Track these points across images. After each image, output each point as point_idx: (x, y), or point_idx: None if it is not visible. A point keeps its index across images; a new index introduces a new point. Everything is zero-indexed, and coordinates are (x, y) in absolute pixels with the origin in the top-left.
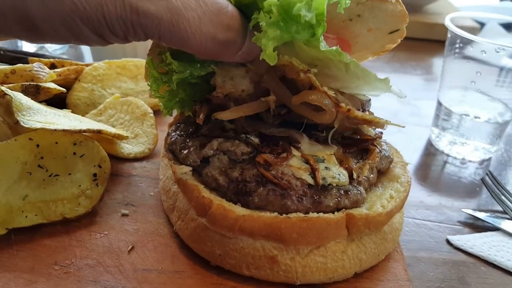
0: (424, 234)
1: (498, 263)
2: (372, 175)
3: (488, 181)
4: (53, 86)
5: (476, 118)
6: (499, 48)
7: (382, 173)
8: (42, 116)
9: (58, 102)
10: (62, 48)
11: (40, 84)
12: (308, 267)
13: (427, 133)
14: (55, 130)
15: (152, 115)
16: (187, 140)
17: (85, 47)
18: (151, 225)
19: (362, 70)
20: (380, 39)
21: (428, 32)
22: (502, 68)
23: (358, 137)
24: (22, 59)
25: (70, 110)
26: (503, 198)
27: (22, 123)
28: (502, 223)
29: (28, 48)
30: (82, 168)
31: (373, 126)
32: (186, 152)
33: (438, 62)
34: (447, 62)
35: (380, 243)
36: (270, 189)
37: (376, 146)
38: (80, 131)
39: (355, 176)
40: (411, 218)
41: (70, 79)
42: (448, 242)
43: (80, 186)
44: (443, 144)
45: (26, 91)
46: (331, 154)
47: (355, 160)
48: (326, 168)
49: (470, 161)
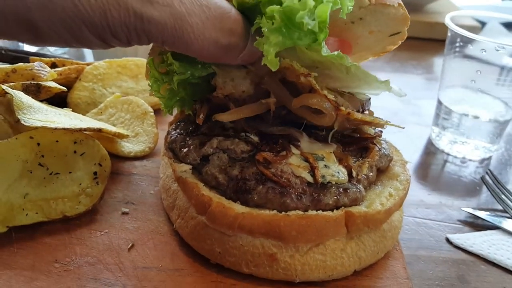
0: (424, 232)
1: (497, 262)
2: (371, 173)
3: (488, 180)
4: (53, 85)
5: (476, 117)
6: (499, 47)
7: (382, 171)
8: (43, 115)
9: (59, 101)
10: (63, 48)
11: (41, 83)
12: (307, 265)
13: (428, 132)
14: (56, 129)
15: (152, 114)
16: (187, 139)
17: None
18: (151, 223)
19: (363, 72)
20: (381, 40)
21: (429, 32)
22: (502, 67)
23: (358, 135)
24: (23, 59)
25: (71, 109)
26: (503, 197)
27: (23, 122)
28: (502, 222)
29: (29, 47)
30: (82, 166)
31: (373, 126)
32: (186, 150)
33: (439, 62)
34: (447, 61)
35: (379, 241)
36: (270, 187)
37: (375, 145)
38: (81, 130)
39: (354, 174)
40: (411, 217)
41: (71, 78)
42: (448, 240)
43: (80, 184)
44: (444, 143)
45: (27, 90)
46: (331, 153)
47: (355, 159)
48: (326, 166)
49: (471, 160)
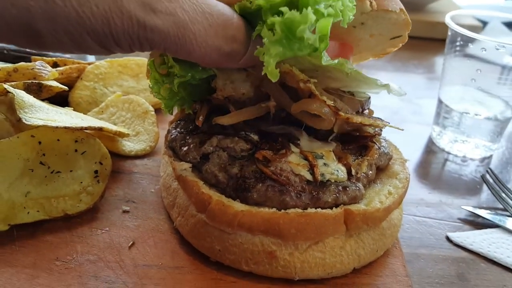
0: (424, 231)
1: (497, 260)
2: (370, 172)
3: (489, 178)
4: (55, 84)
5: (476, 116)
6: (499, 46)
7: (381, 169)
8: (44, 114)
9: (60, 100)
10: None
11: (42, 82)
12: (307, 263)
13: (428, 131)
14: (57, 128)
15: (153, 113)
16: (187, 137)
17: None
18: (152, 221)
19: (363, 76)
20: (382, 43)
21: (430, 31)
22: (503, 66)
23: (357, 134)
24: (25, 58)
25: (72, 108)
26: (503, 195)
27: (24, 121)
28: (502, 220)
29: None
30: (83, 165)
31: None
32: (186, 149)
33: (440, 61)
34: (448, 60)
35: (378, 239)
36: (269, 185)
37: (375, 143)
38: (82, 129)
39: (353, 172)
40: (411, 215)
41: (72, 78)
42: (448, 239)
43: (81, 182)
44: (444, 142)
45: (28, 89)
46: (330, 151)
47: (354, 157)
48: (325, 164)
49: (471, 158)
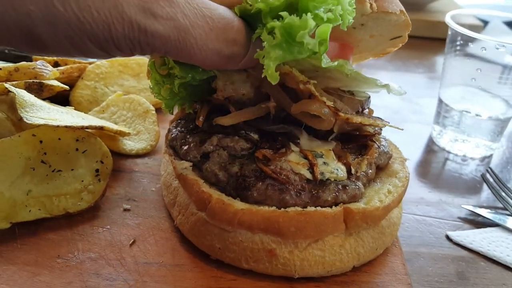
0: (424, 229)
1: (497, 259)
2: (370, 171)
3: (488, 177)
4: (56, 83)
5: (477, 115)
6: (499, 45)
7: (381, 168)
8: (45, 113)
9: (61, 99)
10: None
11: (43, 81)
12: (306, 261)
13: (429, 130)
14: (58, 127)
15: (154, 112)
16: (188, 136)
17: None
18: (153, 219)
19: (363, 77)
20: (382, 43)
21: (431, 31)
22: (503, 65)
23: (357, 133)
24: (26, 58)
25: (73, 108)
26: (503, 194)
27: (25, 120)
28: (502, 219)
29: None
30: (84, 163)
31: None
32: (186, 148)
33: (440, 60)
34: (448, 59)
35: (378, 237)
36: (269, 183)
37: (374, 142)
38: (83, 128)
39: (353, 171)
40: (411, 214)
41: (73, 77)
42: (447, 237)
43: (82, 181)
44: (445, 141)
45: (29, 89)
46: (330, 150)
47: (354, 156)
48: (325, 163)
49: (471, 158)
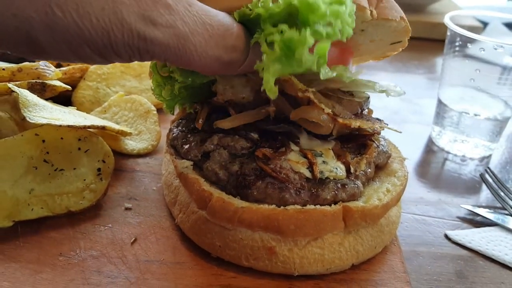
0: (423, 229)
1: (495, 257)
2: (369, 170)
3: (487, 177)
4: (58, 84)
5: (476, 116)
6: (497, 46)
7: (380, 168)
8: (48, 113)
9: (63, 100)
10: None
11: (46, 82)
12: (306, 258)
13: (428, 131)
14: (60, 126)
15: (155, 112)
16: (188, 136)
17: None
18: (154, 218)
19: (363, 82)
20: (382, 47)
21: (431, 32)
22: (501, 66)
23: (357, 132)
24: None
25: (75, 108)
26: (502, 194)
27: (28, 119)
28: (501, 219)
29: None
30: (86, 163)
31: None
32: (187, 147)
33: (440, 61)
34: (447, 60)
35: (376, 235)
36: (269, 182)
37: (374, 142)
38: (85, 127)
39: (352, 170)
40: (411, 214)
41: (76, 78)
42: (446, 237)
43: (84, 180)
44: (444, 141)
45: (32, 89)
46: (329, 149)
47: (353, 155)
48: (324, 162)
49: (471, 158)
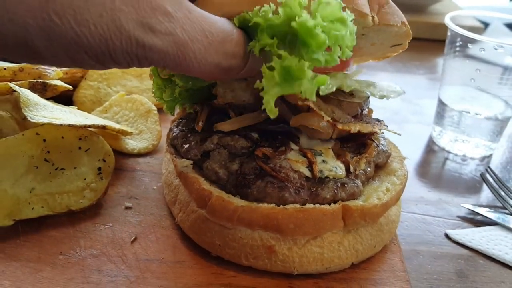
0: (423, 228)
1: (496, 257)
2: (369, 169)
3: (488, 177)
4: (59, 83)
5: (476, 115)
6: (497, 46)
7: (380, 167)
8: (49, 112)
9: (65, 99)
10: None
11: (47, 81)
12: (305, 257)
13: (429, 131)
14: (61, 125)
15: (156, 112)
16: (189, 135)
17: None
18: (154, 217)
19: (363, 84)
20: (383, 49)
21: (432, 32)
22: (502, 66)
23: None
24: None
25: (77, 107)
26: (502, 193)
27: (29, 118)
28: (501, 218)
29: None
30: (87, 162)
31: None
32: (187, 146)
33: (441, 62)
34: (447, 60)
35: (376, 234)
36: (268, 181)
37: (373, 141)
38: (85, 127)
39: (352, 169)
40: (411, 213)
41: (77, 77)
42: (447, 236)
43: (85, 179)
44: (445, 141)
45: (33, 88)
46: (329, 148)
47: (353, 155)
48: (323, 161)
49: (471, 158)
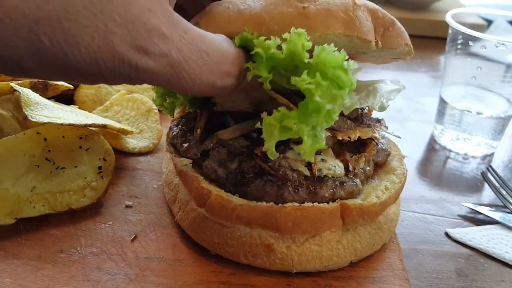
0: (423, 227)
1: (496, 255)
2: (368, 168)
3: (489, 175)
4: (60, 83)
5: (478, 114)
6: (499, 43)
7: (379, 166)
8: (50, 111)
9: (65, 99)
10: None
11: (48, 81)
12: (304, 256)
13: (430, 129)
14: (62, 125)
15: (156, 111)
16: (188, 134)
17: None
18: (154, 216)
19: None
20: (383, 59)
21: (434, 30)
22: (504, 64)
23: None
24: None
25: (77, 107)
26: (504, 192)
27: (30, 118)
28: (502, 217)
29: None
30: (87, 161)
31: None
32: (187, 145)
33: (443, 60)
34: (449, 58)
35: (375, 233)
36: (267, 180)
37: (373, 140)
38: (86, 126)
39: (351, 168)
40: (411, 212)
41: None
42: (447, 235)
43: (85, 178)
44: (446, 140)
45: (34, 88)
46: (328, 147)
47: (352, 153)
48: (322, 160)
49: (473, 156)
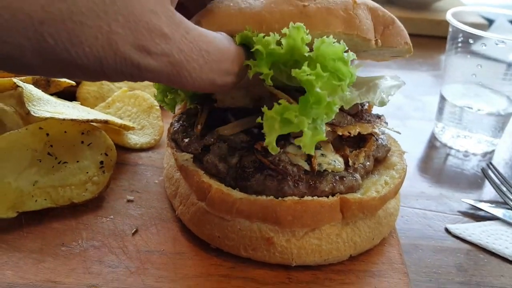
0: (423, 223)
1: (496, 251)
2: (368, 163)
3: (489, 172)
4: (63, 79)
5: (478, 111)
6: (499, 41)
7: (379, 161)
8: (52, 107)
9: (68, 95)
10: None
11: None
12: (303, 249)
13: (431, 127)
14: (64, 120)
15: (158, 107)
16: (189, 130)
17: None
18: (155, 210)
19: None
20: (382, 57)
21: (435, 29)
22: (507, 62)
23: None
24: None
25: (79, 103)
26: (504, 188)
27: (32, 113)
28: (502, 213)
29: None
30: (89, 156)
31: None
32: (187, 140)
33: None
34: (449, 56)
35: (374, 227)
36: (268, 174)
37: (373, 135)
38: (88, 121)
39: (351, 163)
40: (411, 208)
41: None
42: (447, 230)
43: (87, 173)
44: (447, 137)
45: (37, 84)
46: (328, 142)
47: (352, 148)
48: (322, 155)
49: (473, 153)
